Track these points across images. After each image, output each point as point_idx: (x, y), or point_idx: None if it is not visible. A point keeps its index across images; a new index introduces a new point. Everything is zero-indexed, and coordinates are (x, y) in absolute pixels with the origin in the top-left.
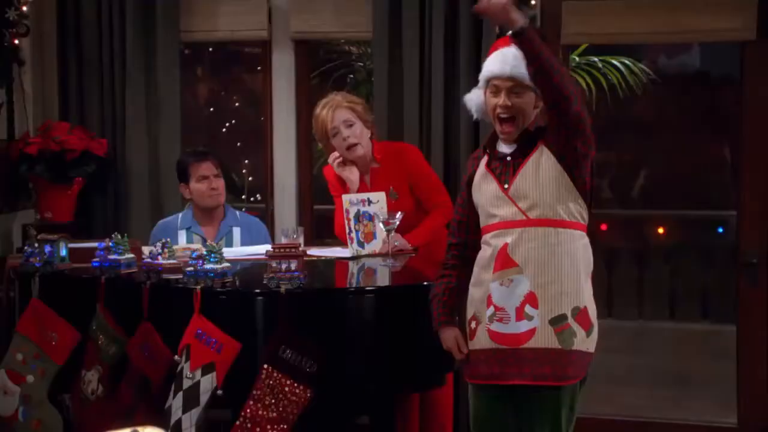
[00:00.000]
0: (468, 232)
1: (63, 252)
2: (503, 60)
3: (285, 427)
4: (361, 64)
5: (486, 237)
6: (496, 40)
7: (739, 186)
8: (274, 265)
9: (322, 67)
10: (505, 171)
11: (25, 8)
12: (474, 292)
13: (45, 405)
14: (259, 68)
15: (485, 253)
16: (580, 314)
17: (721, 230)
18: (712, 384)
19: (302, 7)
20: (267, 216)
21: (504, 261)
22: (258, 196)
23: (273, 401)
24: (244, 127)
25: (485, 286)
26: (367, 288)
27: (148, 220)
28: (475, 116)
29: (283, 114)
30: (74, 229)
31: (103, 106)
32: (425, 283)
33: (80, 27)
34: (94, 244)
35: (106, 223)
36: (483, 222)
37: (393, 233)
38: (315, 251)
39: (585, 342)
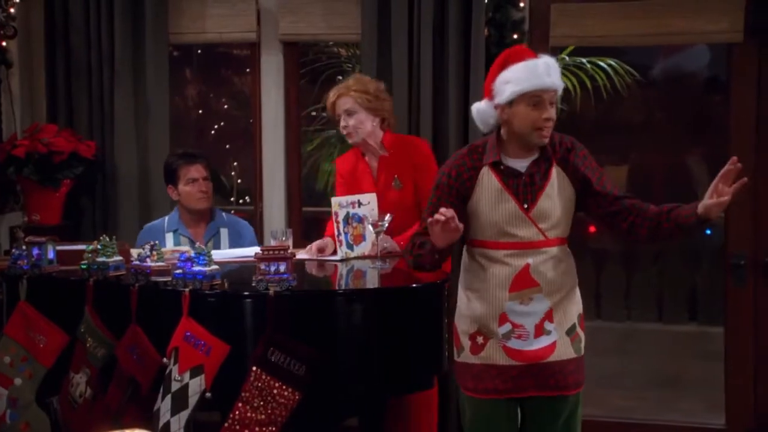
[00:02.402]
0: None
1: (51, 254)
2: (546, 72)
3: (274, 429)
4: (350, 65)
5: (498, 254)
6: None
7: None
8: (263, 267)
9: (311, 68)
10: (522, 190)
11: (12, 10)
12: (476, 307)
13: (33, 408)
14: (247, 70)
15: (494, 269)
16: (581, 320)
17: (709, 232)
18: (701, 385)
19: (291, 9)
20: (256, 218)
21: (525, 281)
22: (247, 198)
23: (262, 403)
24: (233, 129)
25: (497, 304)
26: (356, 290)
27: (137, 222)
28: (482, 129)
29: (271, 116)
30: (62, 231)
31: (91, 107)
32: (414, 285)
33: (68, 28)
34: (83, 247)
35: (94, 225)
36: (486, 235)
37: (382, 235)
38: (304, 254)
39: (584, 344)
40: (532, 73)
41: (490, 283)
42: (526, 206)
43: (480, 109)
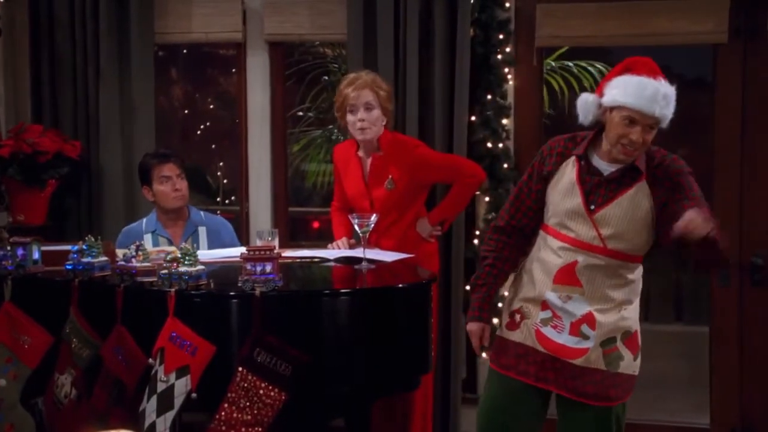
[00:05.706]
0: (531, 219)
1: (36, 255)
2: (653, 98)
3: (260, 429)
4: (336, 65)
5: (552, 242)
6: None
7: (711, 188)
8: (249, 267)
9: (297, 68)
10: (595, 190)
11: None
12: (527, 287)
13: (18, 409)
14: (233, 70)
15: (548, 256)
16: (630, 338)
17: None
18: (686, 385)
19: (276, 10)
20: (242, 218)
21: (569, 277)
22: (233, 198)
23: (248, 404)
24: (219, 129)
25: (541, 290)
26: (343, 290)
27: (122, 222)
28: (581, 119)
29: (257, 116)
30: (47, 231)
31: (76, 108)
32: (400, 285)
33: (53, 28)
34: (68, 247)
35: (79, 225)
36: (551, 222)
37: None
38: (290, 253)
39: (631, 365)
40: (638, 92)
41: (541, 268)
42: (592, 207)
43: (586, 99)
